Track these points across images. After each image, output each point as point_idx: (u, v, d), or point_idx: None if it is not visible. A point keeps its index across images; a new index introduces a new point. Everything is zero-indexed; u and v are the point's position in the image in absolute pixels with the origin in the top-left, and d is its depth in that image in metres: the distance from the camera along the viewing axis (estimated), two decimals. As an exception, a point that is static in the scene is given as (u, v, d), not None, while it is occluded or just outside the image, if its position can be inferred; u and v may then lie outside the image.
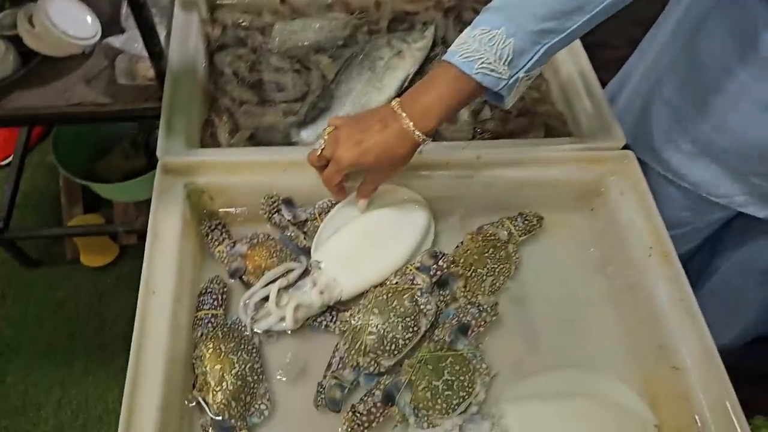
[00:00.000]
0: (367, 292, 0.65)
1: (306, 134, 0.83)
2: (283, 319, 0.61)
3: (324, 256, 0.67)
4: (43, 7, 0.84)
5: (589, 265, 0.76)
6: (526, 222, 0.77)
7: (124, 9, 0.91)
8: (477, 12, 1.01)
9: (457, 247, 0.75)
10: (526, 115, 0.89)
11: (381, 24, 0.99)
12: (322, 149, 0.63)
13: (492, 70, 0.56)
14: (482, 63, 0.56)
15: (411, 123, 0.60)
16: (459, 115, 0.87)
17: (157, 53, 0.77)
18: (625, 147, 0.79)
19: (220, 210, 0.73)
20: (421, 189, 0.75)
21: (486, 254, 0.73)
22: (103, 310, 1.39)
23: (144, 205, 1.44)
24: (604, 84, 0.90)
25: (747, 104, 0.71)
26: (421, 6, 1.00)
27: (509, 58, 0.56)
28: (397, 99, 0.62)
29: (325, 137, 0.64)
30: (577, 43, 0.90)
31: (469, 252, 0.73)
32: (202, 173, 0.70)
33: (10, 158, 1.52)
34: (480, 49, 0.56)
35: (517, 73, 0.57)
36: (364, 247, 0.68)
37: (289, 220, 0.71)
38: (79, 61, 0.90)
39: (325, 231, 0.70)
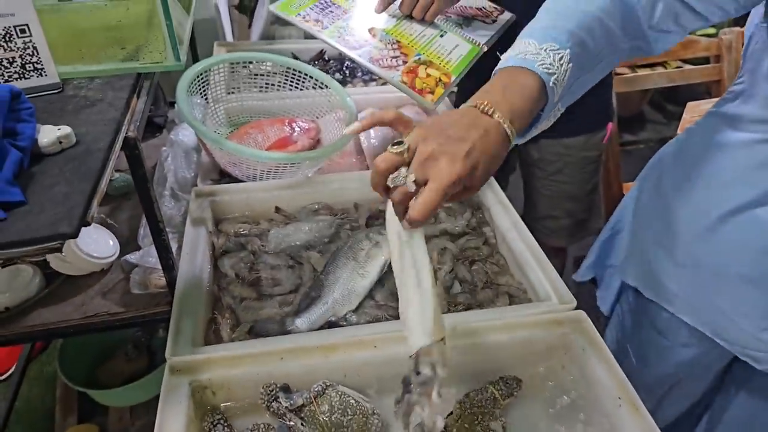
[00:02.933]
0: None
1: (300, 322, 0.88)
2: None
3: None
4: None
5: (565, 417, 0.77)
6: (507, 386, 0.79)
7: (142, 230, 1.02)
8: (438, 205, 1.17)
9: (449, 415, 0.75)
10: (491, 287, 0.97)
11: (360, 221, 1.11)
12: (404, 179, 0.50)
13: (555, 81, 0.57)
14: (555, 78, 0.57)
15: (508, 120, 0.54)
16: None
17: (169, 266, 0.85)
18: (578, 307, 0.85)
19: (222, 404, 0.74)
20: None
21: (476, 421, 0.74)
22: None
23: (141, 408, 1.37)
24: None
25: None
26: (391, 204, 1.14)
27: (564, 81, 0.58)
28: (475, 99, 0.56)
29: (398, 150, 0.51)
30: (523, 226, 1.02)
31: (460, 421, 0.73)
32: (206, 370, 0.72)
33: (9, 372, 1.49)
34: (554, 65, 0.57)
35: (558, 102, 0.60)
36: None
37: (286, 407, 0.71)
38: (98, 277, 0.97)
39: None
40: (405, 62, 1.03)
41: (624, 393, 0.73)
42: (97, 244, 0.97)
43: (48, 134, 0.64)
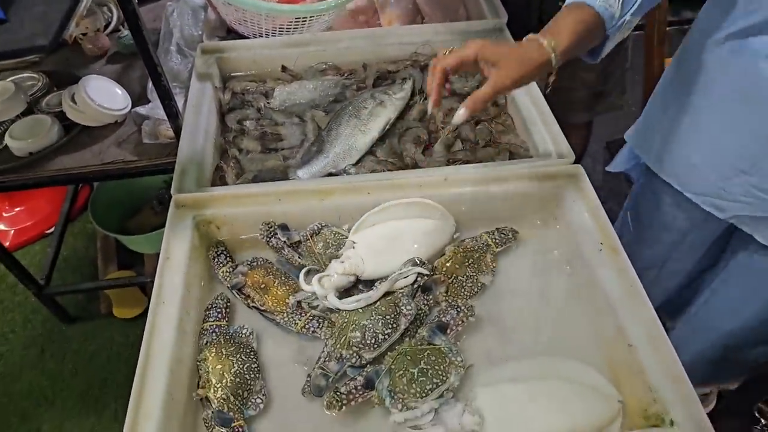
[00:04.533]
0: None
1: (302, 173, 0.90)
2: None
3: (359, 239, 0.73)
4: (83, 87, 0.96)
5: (554, 266, 0.80)
6: (502, 235, 0.81)
7: (150, 84, 1.03)
8: (448, 63, 1.12)
9: (442, 256, 0.78)
10: (492, 145, 0.96)
11: (367, 82, 1.08)
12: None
13: (610, 5, 0.67)
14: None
15: (544, 38, 0.67)
16: (434, 148, 0.94)
17: (173, 114, 0.87)
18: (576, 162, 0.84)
19: (226, 238, 0.79)
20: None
21: (467, 264, 0.77)
22: (132, 358, 1.42)
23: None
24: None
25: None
26: (401, 65, 1.10)
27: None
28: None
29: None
30: (536, 89, 0.97)
31: (451, 262, 0.77)
32: (209, 206, 0.77)
33: (52, 229, 1.64)
34: None
35: (624, 14, 0.68)
36: (394, 245, 0.74)
37: (284, 242, 0.76)
38: (113, 129, 1.01)
39: (368, 220, 0.76)
40: None
41: (606, 238, 0.74)
42: (109, 96, 0.99)
43: (30, -40, 0.63)
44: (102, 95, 0.98)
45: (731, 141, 0.79)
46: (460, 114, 0.69)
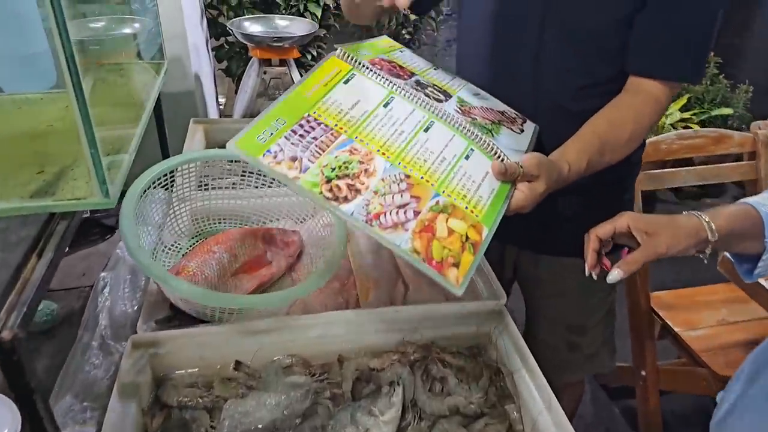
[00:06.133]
0: None
1: None
2: None
3: None
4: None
5: None
6: None
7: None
8: (444, 363, 0.91)
9: None
10: None
11: (344, 387, 0.85)
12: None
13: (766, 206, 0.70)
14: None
15: (702, 214, 0.69)
16: None
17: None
18: None
19: None
20: None
21: None
22: None
23: None
24: None
25: None
26: (386, 360, 0.89)
27: None
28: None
29: None
30: (559, 409, 0.77)
31: None
32: None
33: None
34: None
35: None
36: None
37: None
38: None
39: None
40: (417, 212, 0.69)
41: None
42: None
43: None
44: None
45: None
46: (615, 274, 0.71)
